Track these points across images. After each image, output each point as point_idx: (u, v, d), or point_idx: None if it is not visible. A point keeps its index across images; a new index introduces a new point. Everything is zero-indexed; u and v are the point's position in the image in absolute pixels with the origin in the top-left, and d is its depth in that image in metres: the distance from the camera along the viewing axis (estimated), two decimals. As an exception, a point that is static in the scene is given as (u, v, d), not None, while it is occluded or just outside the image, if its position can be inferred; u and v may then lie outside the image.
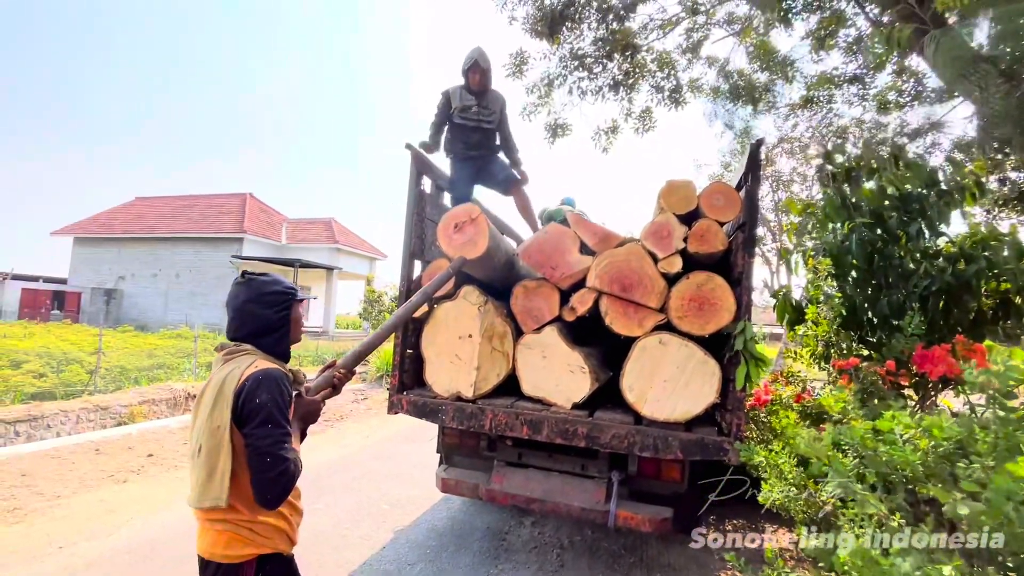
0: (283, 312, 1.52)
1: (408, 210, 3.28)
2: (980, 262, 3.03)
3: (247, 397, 1.32)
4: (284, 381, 1.39)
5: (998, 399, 1.65)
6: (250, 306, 1.47)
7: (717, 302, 2.73)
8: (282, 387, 1.37)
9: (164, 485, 4.51)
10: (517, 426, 2.90)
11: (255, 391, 1.32)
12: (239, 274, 1.53)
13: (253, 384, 1.33)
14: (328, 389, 1.64)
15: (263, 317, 1.48)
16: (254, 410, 1.31)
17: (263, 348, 1.48)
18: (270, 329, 1.49)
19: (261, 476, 1.29)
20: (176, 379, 9.11)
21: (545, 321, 3.08)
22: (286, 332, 1.54)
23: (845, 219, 3.44)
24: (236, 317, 1.48)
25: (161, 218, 22.85)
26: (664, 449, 2.69)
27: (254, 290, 1.49)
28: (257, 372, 1.36)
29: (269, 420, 1.31)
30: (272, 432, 1.31)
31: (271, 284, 1.52)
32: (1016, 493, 1.40)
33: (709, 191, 2.90)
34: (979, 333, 3.29)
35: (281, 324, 1.52)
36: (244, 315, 1.47)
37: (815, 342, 3.44)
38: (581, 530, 3.75)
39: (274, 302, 1.50)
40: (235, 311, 1.48)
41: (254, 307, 1.47)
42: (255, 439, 1.30)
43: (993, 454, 1.67)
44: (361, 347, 1.87)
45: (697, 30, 8.56)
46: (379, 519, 3.89)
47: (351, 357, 1.80)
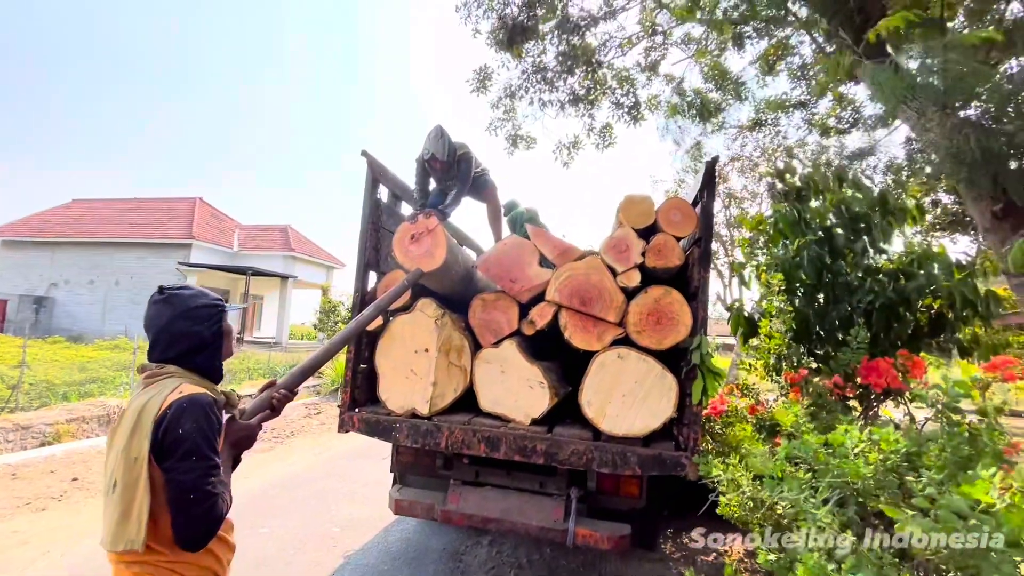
0: (215, 326, 1.39)
1: (363, 219, 3.16)
2: (919, 279, 3.19)
3: (169, 427, 1.18)
4: (212, 408, 1.26)
5: (946, 413, 1.70)
6: (179, 324, 1.33)
7: (674, 316, 2.74)
8: (209, 414, 1.24)
9: (88, 512, 4.13)
10: (474, 443, 2.81)
11: (178, 420, 1.19)
12: (157, 289, 1.38)
13: (176, 412, 1.20)
14: (266, 412, 1.51)
15: (195, 334, 1.35)
16: (176, 441, 1.17)
17: (196, 368, 1.35)
18: (203, 346, 1.36)
19: (183, 515, 1.15)
20: (110, 394, 8.47)
21: (504, 335, 3.02)
22: (219, 348, 1.41)
23: (798, 236, 3.56)
24: (163, 338, 1.33)
25: (101, 221, 21.44)
26: (623, 465, 2.66)
27: (180, 306, 1.34)
28: (181, 399, 1.22)
29: (193, 452, 1.18)
30: (196, 465, 1.17)
31: (198, 297, 1.39)
32: (966, 511, 1.43)
33: (666, 207, 2.93)
34: (916, 346, 3.46)
35: (214, 340, 1.39)
36: (173, 335, 1.33)
37: (768, 355, 3.52)
38: (540, 548, 3.67)
39: (205, 316, 1.37)
40: (160, 331, 1.33)
41: (183, 324, 1.34)
42: (177, 473, 1.16)
43: (941, 467, 1.71)
44: (305, 365, 1.74)
45: (655, 49, 8.83)
46: (328, 543, 3.68)
47: (293, 376, 1.66)
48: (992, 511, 1.28)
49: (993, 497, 1.26)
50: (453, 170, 3.59)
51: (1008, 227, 1.84)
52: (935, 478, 1.53)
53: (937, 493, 1.48)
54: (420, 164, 3.56)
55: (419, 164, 3.57)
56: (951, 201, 5.63)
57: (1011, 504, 1.25)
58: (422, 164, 3.55)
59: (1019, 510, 1.22)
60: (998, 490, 1.29)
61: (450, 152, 3.47)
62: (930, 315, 3.39)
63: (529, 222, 4.63)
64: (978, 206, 2.04)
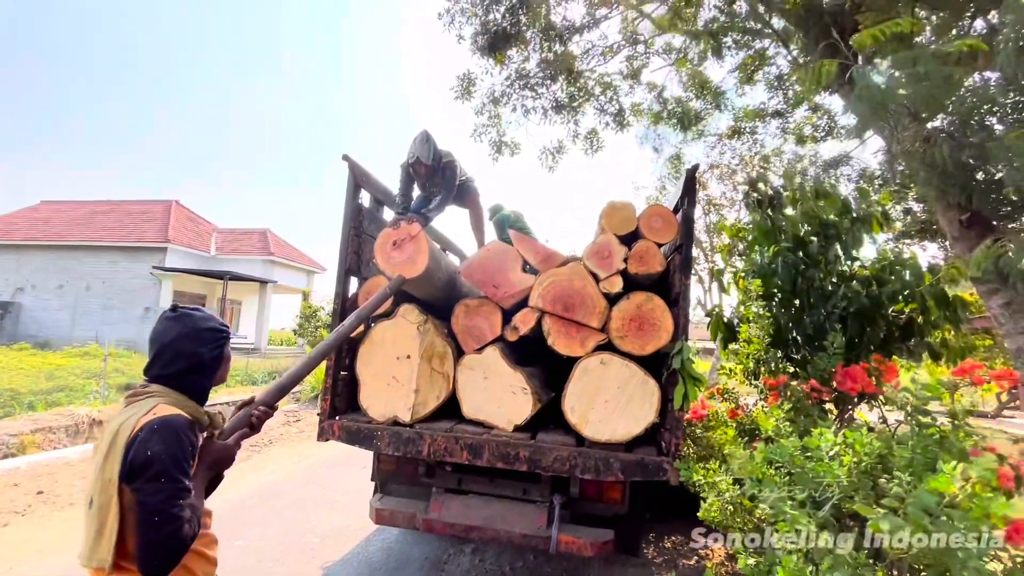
0: (217, 351, 1.42)
1: (344, 225, 3.12)
2: (891, 285, 3.28)
3: (139, 448, 1.17)
4: (185, 430, 1.24)
5: (915, 416, 1.75)
6: (184, 343, 1.36)
7: (656, 322, 2.77)
8: (181, 436, 1.22)
9: (54, 527, 3.97)
10: (457, 451, 2.79)
11: (148, 441, 1.17)
12: (170, 307, 1.41)
13: (147, 434, 1.19)
14: (244, 430, 1.48)
15: (197, 355, 1.37)
16: (145, 463, 1.16)
17: (185, 387, 1.36)
18: (201, 368, 1.39)
19: (146, 537, 1.13)
20: (79, 403, 8.18)
21: (487, 341, 3.01)
22: (214, 371, 1.43)
23: (772, 243, 3.63)
24: (165, 354, 1.35)
25: (71, 224, 20.77)
26: (606, 471, 2.66)
27: (189, 326, 1.37)
28: (152, 420, 1.21)
29: (162, 474, 1.16)
30: (164, 487, 1.15)
31: (207, 320, 1.42)
32: (933, 507, 1.47)
33: (648, 213, 2.96)
34: (888, 351, 3.55)
35: (213, 363, 1.41)
36: (176, 352, 1.35)
37: (747, 360, 3.58)
38: (523, 556, 3.65)
39: (210, 339, 1.40)
40: (164, 347, 1.35)
41: (189, 344, 1.36)
42: (144, 495, 1.14)
43: (910, 469, 1.76)
44: (283, 380, 1.72)
45: (636, 58, 8.95)
46: (307, 554, 3.61)
47: (271, 392, 1.65)
48: (955, 504, 1.32)
49: (956, 487, 1.30)
50: (437, 176, 3.58)
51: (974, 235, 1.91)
52: (904, 478, 1.57)
53: (905, 492, 1.52)
54: (404, 170, 3.54)
55: (403, 170, 3.55)
56: (920, 209, 5.83)
57: (972, 495, 1.29)
58: (406, 169, 3.53)
59: (980, 500, 1.26)
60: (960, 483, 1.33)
61: (435, 157, 3.46)
62: (901, 320, 3.49)
63: (514, 225, 4.63)
64: (947, 215, 2.11)
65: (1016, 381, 1.99)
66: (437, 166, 3.51)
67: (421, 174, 3.50)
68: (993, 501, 1.26)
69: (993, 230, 1.92)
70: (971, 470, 1.32)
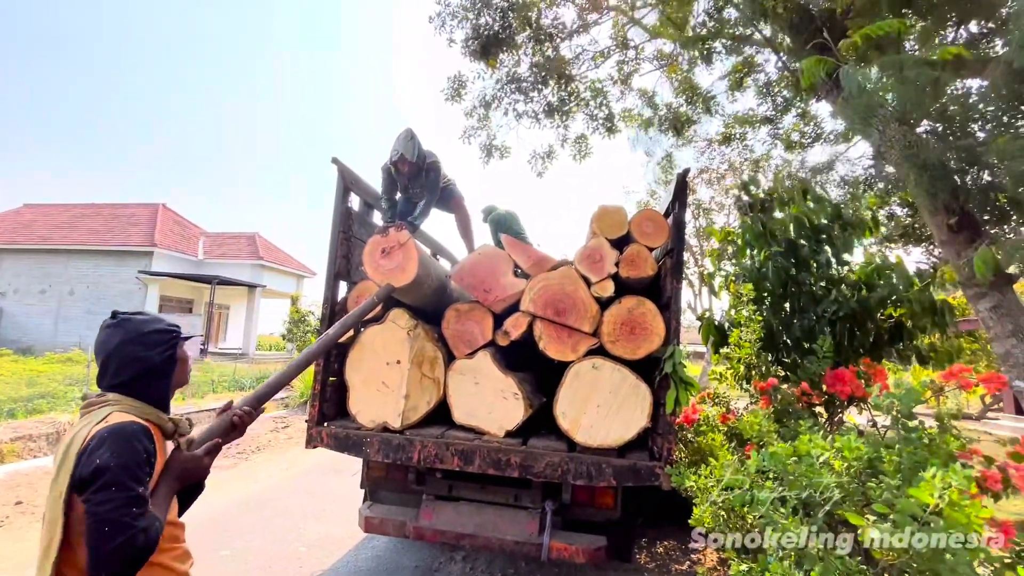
0: (168, 352, 1.35)
1: (333, 228, 3.09)
2: (879, 290, 3.30)
3: (88, 457, 1.12)
4: (138, 436, 1.18)
5: (901, 420, 1.75)
6: (129, 348, 1.29)
7: (648, 326, 2.76)
8: (134, 444, 1.16)
9: (32, 539, 3.86)
10: (448, 457, 2.75)
11: (97, 450, 1.12)
12: (110, 315, 1.34)
13: (96, 443, 1.13)
14: (216, 440, 1.43)
15: (145, 360, 1.30)
16: (95, 472, 1.10)
17: (142, 395, 1.29)
18: (153, 373, 1.32)
19: (96, 548, 1.07)
20: (61, 410, 8.01)
21: (478, 346, 2.98)
22: (170, 374, 1.36)
23: (763, 247, 3.65)
24: (111, 362, 1.29)
25: (55, 228, 20.42)
26: (598, 476, 2.64)
27: (132, 330, 1.31)
28: (103, 429, 1.16)
29: (112, 483, 1.10)
30: (114, 496, 1.09)
31: (152, 323, 1.35)
32: (920, 514, 1.47)
33: (639, 218, 2.96)
34: (878, 354, 3.57)
35: (165, 366, 1.34)
36: (122, 359, 1.28)
37: (738, 364, 3.59)
38: (514, 563, 3.61)
39: (157, 342, 1.33)
40: (108, 355, 1.29)
41: (134, 349, 1.29)
42: (92, 505, 1.09)
43: (899, 474, 1.76)
44: (266, 386, 1.68)
45: (627, 63, 9.01)
46: (294, 563, 3.54)
47: (254, 396, 1.60)
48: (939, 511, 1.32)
49: (935, 498, 1.30)
50: (421, 177, 3.52)
51: (963, 239, 1.93)
52: (892, 483, 1.57)
53: (894, 497, 1.52)
54: (386, 172, 3.48)
55: (385, 172, 3.49)
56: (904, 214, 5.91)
57: (952, 503, 1.29)
58: (388, 172, 3.47)
59: (960, 508, 1.26)
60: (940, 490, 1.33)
61: (419, 156, 3.40)
62: (890, 324, 3.52)
63: (510, 225, 4.60)
64: (935, 219, 2.13)
65: (1003, 385, 2.01)
66: (421, 165, 3.45)
67: (404, 173, 3.44)
68: (971, 508, 1.27)
69: (981, 234, 1.94)
70: (950, 478, 1.32)
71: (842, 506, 1.78)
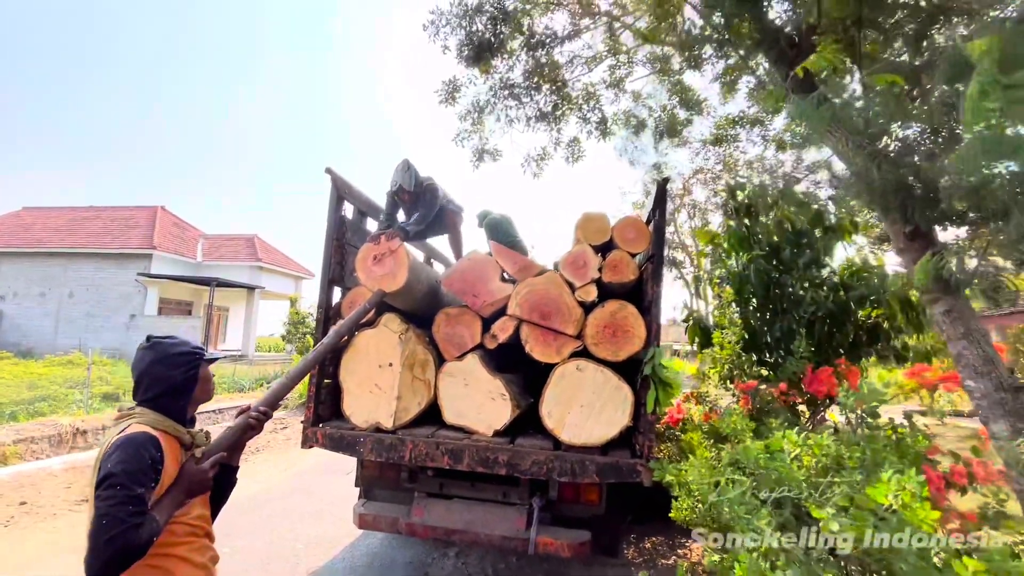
0: (190, 372, 1.51)
1: (327, 236, 3.19)
2: (856, 291, 3.42)
3: (103, 464, 1.29)
4: (146, 445, 1.33)
5: (865, 418, 1.86)
6: (156, 368, 1.47)
7: (630, 329, 2.87)
8: (140, 451, 1.31)
9: (36, 539, 3.97)
10: (438, 456, 2.86)
11: (111, 456, 1.29)
12: (145, 338, 1.53)
13: (112, 449, 1.31)
14: (220, 455, 1.56)
15: (169, 378, 1.48)
16: (105, 476, 1.26)
17: (164, 410, 1.46)
18: (175, 390, 1.49)
19: (92, 540, 1.20)
20: (63, 413, 8.11)
21: (467, 348, 3.09)
22: (190, 392, 1.53)
23: (747, 251, 3.76)
24: (142, 380, 1.48)
25: (54, 231, 20.50)
26: (581, 473, 2.75)
27: (160, 352, 1.49)
28: (120, 437, 1.33)
29: (115, 483, 1.24)
30: (115, 493, 1.23)
31: (178, 346, 1.53)
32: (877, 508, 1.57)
33: (621, 224, 3.06)
34: (857, 354, 3.68)
35: (186, 385, 1.51)
36: (150, 377, 1.47)
37: (720, 364, 3.70)
38: (505, 558, 3.72)
39: (181, 363, 1.50)
40: (141, 374, 1.48)
41: (160, 369, 1.47)
42: (97, 502, 1.24)
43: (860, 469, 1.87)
44: (278, 387, 1.91)
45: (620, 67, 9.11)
46: (292, 561, 3.65)
47: (270, 396, 1.86)
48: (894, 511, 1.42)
49: (889, 499, 1.41)
50: (420, 202, 3.72)
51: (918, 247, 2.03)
52: (855, 479, 1.68)
53: (853, 491, 1.62)
54: (390, 197, 3.68)
55: (389, 197, 3.69)
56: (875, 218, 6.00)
57: (905, 504, 1.39)
58: (392, 197, 3.66)
59: (912, 511, 1.37)
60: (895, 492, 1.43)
61: (416, 183, 3.61)
62: (869, 325, 3.63)
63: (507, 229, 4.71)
64: (893, 229, 2.24)
65: (958, 383, 2.11)
66: (420, 191, 3.66)
67: (405, 201, 3.65)
68: (921, 511, 1.38)
69: (934, 243, 2.04)
70: (905, 481, 1.42)
71: (809, 500, 1.89)
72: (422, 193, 3.68)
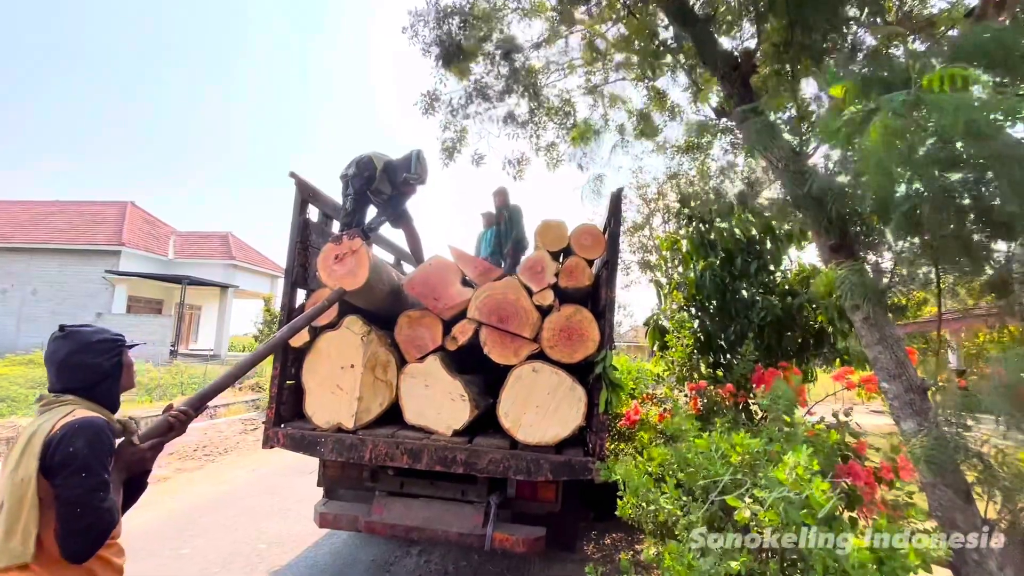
0: (115, 358, 1.50)
1: (291, 239, 3.23)
2: (801, 296, 3.60)
3: (60, 446, 1.27)
4: (105, 430, 1.35)
5: (781, 417, 2.00)
6: (77, 357, 1.43)
7: (584, 333, 2.99)
8: (102, 436, 1.33)
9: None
10: (397, 455, 2.93)
11: (70, 439, 1.27)
12: (58, 328, 1.48)
13: (68, 432, 1.28)
14: (158, 438, 1.58)
15: (94, 366, 1.45)
16: (67, 458, 1.26)
17: (93, 398, 1.44)
18: (103, 377, 1.46)
19: (68, 527, 1.24)
20: (22, 413, 7.91)
21: (428, 350, 3.17)
22: (118, 379, 1.51)
23: (702, 257, 3.92)
24: (62, 371, 1.42)
25: (16, 226, 19.81)
26: (536, 471, 2.85)
27: (80, 341, 1.45)
28: (74, 420, 1.31)
29: (83, 469, 1.26)
30: (85, 481, 1.26)
31: (97, 333, 1.49)
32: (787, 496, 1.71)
33: (578, 232, 3.18)
34: (805, 357, 3.88)
35: (113, 371, 1.49)
36: (72, 368, 1.42)
37: (674, 366, 3.85)
38: (467, 556, 3.81)
39: (104, 350, 1.48)
40: (59, 365, 1.42)
41: (83, 357, 1.44)
42: (65, 489, 1.25)
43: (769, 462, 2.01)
44: (209, 387, 1.82)
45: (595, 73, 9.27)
46: (254, 560, 3.67)
47: (196, 397, 1.76)
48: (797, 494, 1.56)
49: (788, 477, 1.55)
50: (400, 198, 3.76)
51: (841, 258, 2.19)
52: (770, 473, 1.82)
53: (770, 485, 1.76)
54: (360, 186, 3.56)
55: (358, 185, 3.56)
56: None
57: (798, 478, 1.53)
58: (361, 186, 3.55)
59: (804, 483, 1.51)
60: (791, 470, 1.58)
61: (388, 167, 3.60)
62: (815, 329, 3.83)
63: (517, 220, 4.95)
64: (818, 240, 2.41)
65: (875, 385, 2.28)
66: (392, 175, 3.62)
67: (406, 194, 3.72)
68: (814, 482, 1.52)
69: (855, 256, 2.21)
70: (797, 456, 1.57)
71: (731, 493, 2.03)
72: (395, 181, 3.67)
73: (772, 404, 2.05)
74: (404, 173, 3.55)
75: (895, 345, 2.06)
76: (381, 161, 3.56)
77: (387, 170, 3.57)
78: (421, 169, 3.57)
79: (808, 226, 2.39)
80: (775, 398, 2.01)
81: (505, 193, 5.29)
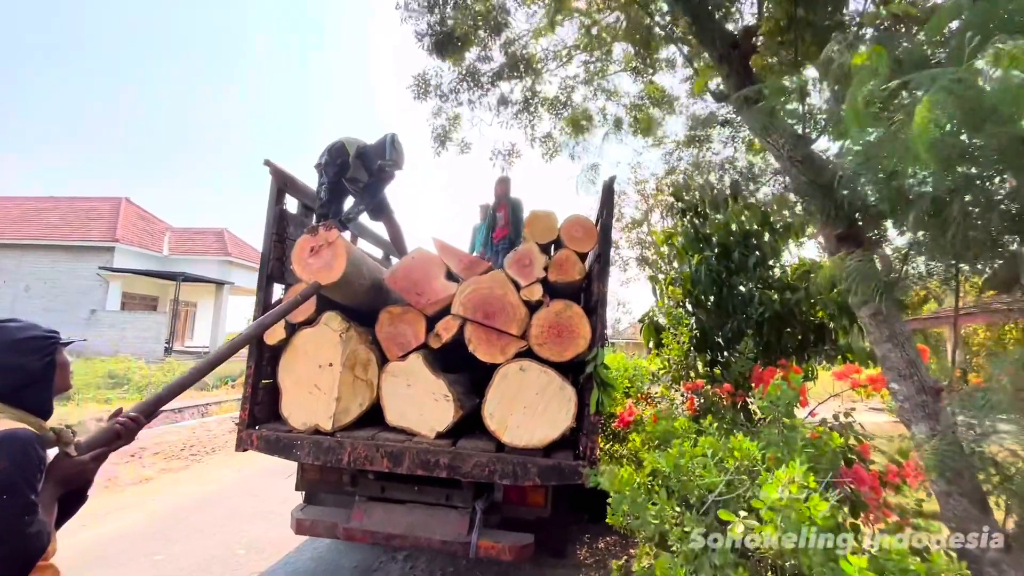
0: (47, 358, 1.33)
1: (266, 231, 3.08)
2: (800, 292, 3.45)
3: None
4: (31, 444, 1.18)
5: (781, 420, 1.85)
6: (4, 356, 1.27)
7: (575, 329, 2.83)
8: (28, 450, 1.17)
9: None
10: (377, 459, 2.78)
11: None
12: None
13: None
14: (102, 448, 1.42)
15: (23, 367, 1.28)
16: None
17: (23, 403, 1.28)
18: (33, 379, 1.30)
19: None
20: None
21: (411, 348, 3.01)
22: (49, 382, 1.34)
23: (697, 252, 3.76)
24: None
25: (10, 221, 19.61)
26: (523, 476, 2.70)
27: (6, 338, 1.29)
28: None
29: (5, 490, 1.11)
30: (7, 503, 1.10)
31: (27, 329, 1.33)
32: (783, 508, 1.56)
33: (569, 223, 3.02)
34: (805, 355, 3.72)
35: (45, 372, 1.32)
36: None
37: (669, 364, 3.70)
38: (454, 561, 3.66)
39: (35, 348, 1.31)
40: None
41: (10, 357, 1.27)
42: None
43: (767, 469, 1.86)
44: (165, 390, 1.67)
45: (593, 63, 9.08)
46: (232, 566, 3.52)
47: (148, 402, 1.60)
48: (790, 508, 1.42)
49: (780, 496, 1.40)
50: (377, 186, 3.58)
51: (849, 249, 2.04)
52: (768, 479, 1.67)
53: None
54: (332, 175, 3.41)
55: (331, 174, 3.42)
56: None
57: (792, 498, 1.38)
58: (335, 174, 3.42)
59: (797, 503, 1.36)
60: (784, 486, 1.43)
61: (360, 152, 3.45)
62: (815, 325, 3.67)
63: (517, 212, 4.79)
64: (824, 231, 2.25)
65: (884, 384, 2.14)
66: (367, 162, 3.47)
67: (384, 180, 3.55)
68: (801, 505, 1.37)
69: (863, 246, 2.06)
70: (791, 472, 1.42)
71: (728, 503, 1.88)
72: (372, 167, 3.50)
73: (771, 405, 1.90)
74: (379, 160, 3.37)
75: (906, 343, 1.91)
76: (354, 147, 3.39)
77: (361, 156, 3.40)
78: (396, 154, 3.40)
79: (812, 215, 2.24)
80: (775, 399, 1.86)
81: (508, 182, 5.10)
